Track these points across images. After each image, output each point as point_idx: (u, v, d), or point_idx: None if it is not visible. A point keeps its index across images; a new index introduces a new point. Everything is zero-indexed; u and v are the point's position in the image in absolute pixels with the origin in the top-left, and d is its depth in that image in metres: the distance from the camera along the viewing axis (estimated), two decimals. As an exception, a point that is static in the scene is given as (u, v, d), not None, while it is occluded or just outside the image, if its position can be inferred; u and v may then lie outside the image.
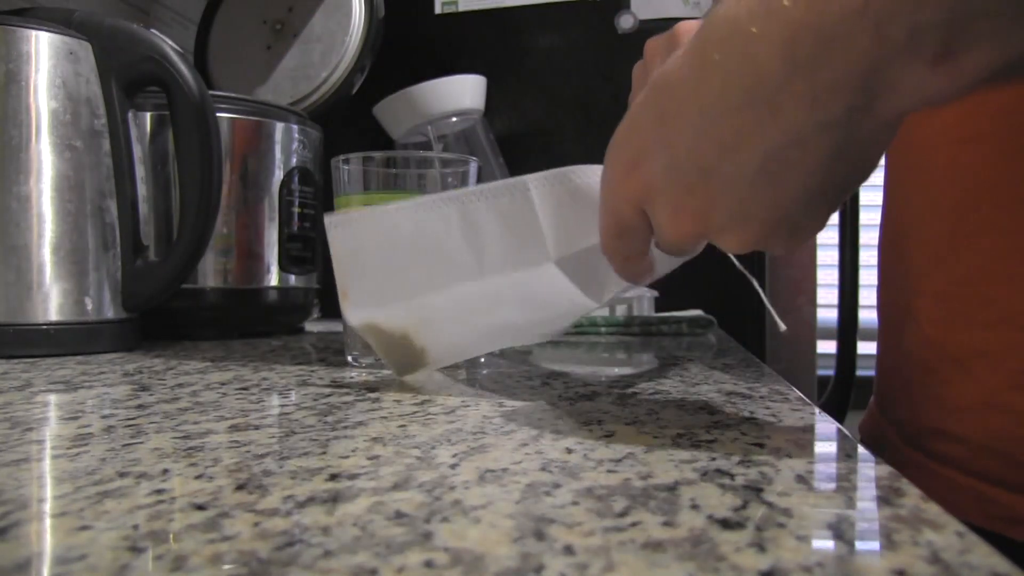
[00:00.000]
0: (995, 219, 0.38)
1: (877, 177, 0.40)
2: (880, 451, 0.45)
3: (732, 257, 0.35)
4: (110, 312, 0.56)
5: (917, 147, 0.43)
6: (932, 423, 0.41)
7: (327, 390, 0.38)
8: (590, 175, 0.34)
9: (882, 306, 0.47)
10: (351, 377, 0.43)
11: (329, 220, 0.39)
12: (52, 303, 0.52)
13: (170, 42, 0.57)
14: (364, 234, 0.38)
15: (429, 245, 0.37)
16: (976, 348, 0.39)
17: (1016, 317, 0.37)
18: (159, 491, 0.20)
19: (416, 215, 0.37)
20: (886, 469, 0.23)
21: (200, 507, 0.19)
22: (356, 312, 0.39)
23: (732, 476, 0.22)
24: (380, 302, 0.38)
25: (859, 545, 0.17)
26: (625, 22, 0.96)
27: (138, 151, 0.59)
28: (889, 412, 0.46)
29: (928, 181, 0.42)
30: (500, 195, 0.36)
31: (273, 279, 0.70)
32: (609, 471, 0.22)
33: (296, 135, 0.72)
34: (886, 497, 0.21)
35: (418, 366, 0.42)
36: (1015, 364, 0.37)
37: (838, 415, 0.99)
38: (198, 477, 0.22)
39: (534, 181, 0.35)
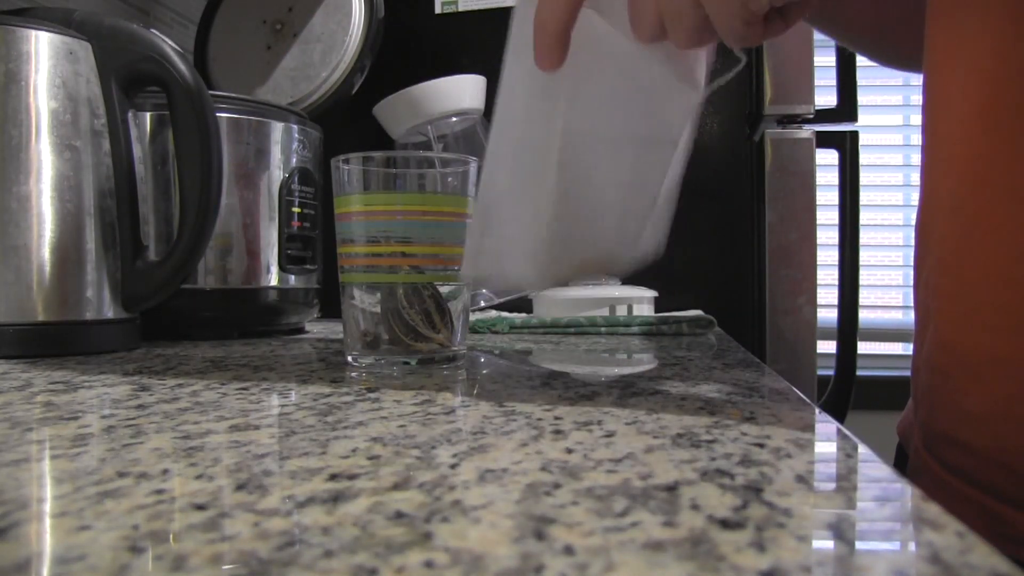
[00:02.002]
0: (1013, 217, 0.36)
1: (876, 177, 0.40)
2: (908, 452, 0.45)
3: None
4: (110, 312, 0.56)
5: (941, 139, 0.41)
6: (944, 429, 0.40)
7: (327, 390, 0.38)
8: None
9: (915, 303, 0.47)
10: (351, 377, 0.43)
11: None
12: (52, 303, 0.52)
13: (170, 42, 0.57)
14: None
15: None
16: (990, 354, 0.37)
17: None
18: (159, 491, 0.20)
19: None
20: (886, 469, 0.23)
21: (200, 507, 0.19)
22: None
23: (732, 476, 0.22)
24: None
25: (859, 545, 0.17)
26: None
27: (138, 151, 0.59)
28: (918, 412, 0.45)
29: (948, 175, 0.40)
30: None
31: (273, 279, 0.70)
32: (609, 471, 0.22)
33: (296, 135, 0.72)
34: (886, 497, 0.21)
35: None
36: None
37: (838, 415, 0.99)
38: (198, 477, 0.22)
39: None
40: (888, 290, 1.62)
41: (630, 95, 0.40)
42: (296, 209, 0.72)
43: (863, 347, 1.03)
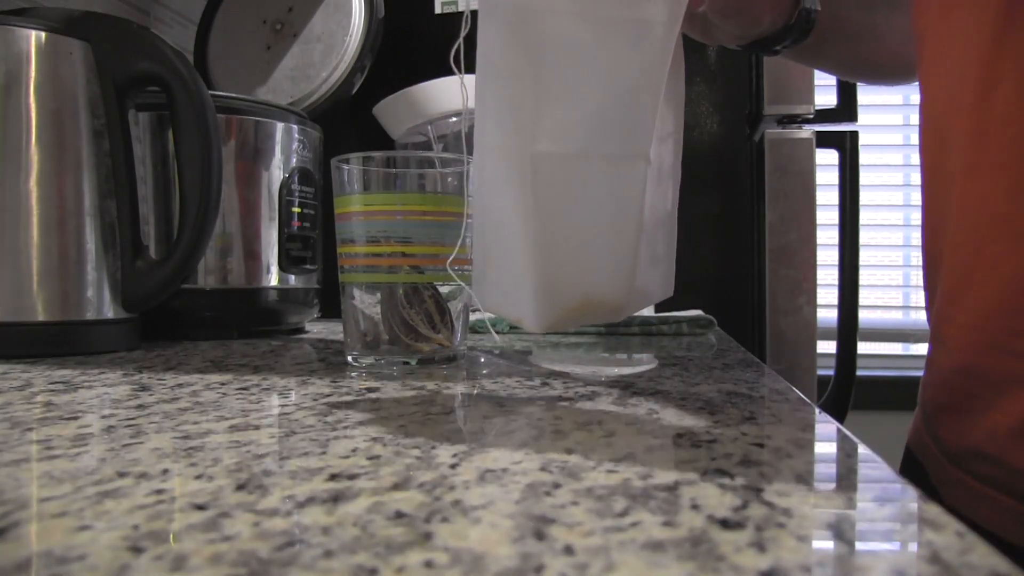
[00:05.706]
0: (1013, 252, 0.37)
1: (876, 177, 0.40)
2: (925, 464, 0.45)
3: None
4: (110, 312, 0.56)
5: (941, 176, 0.42)
6: (974, 444, 0.40)
7: (327, 390, 0.38)
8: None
9: (929, 318, 0.47)
10: (351, 377, 0.43)
11: None
12: (52, 303, 0.52)
13: (169, 42, 0.57)
14: None
15: None
16: (1010, 375, 0.37)
17: None
18: (159, 491, 0.20)
19: None
20: (886, 469, 0.23)
21: (200, 507, 0.19)
22: None
23: (732, 476, 0.22)
24: None
25: (859, 545, 0.17)
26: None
27: (138, 151, 0.59)
28: (931, 427, 0.45)
29: (947, 211, 0.41)
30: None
31: (273, 279, 0.70)
32: (609, 471, 0.22)
33: (296, 135, 0.72)
34: (886, 497, 0.21)
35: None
36: None
37: (838, 415, 0.99)
38: (198, 477, 0.22)
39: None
40: (888, 290, 1.62)
41: (593, 103, 0.40)
42: (296, 209, 0.72)
43: (863, 347, 1.03)
